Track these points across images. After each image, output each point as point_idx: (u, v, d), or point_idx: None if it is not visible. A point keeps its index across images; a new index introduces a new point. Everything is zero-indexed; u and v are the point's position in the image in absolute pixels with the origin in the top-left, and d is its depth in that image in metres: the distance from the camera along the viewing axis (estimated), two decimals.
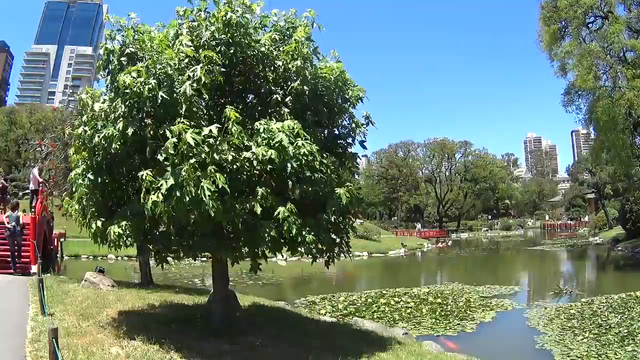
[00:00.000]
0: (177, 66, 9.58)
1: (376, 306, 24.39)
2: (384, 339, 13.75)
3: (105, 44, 10.54)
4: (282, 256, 11.83)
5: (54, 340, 6.98)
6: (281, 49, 10.84)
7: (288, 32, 11.22)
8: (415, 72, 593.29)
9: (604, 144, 43.59)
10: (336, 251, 11.43)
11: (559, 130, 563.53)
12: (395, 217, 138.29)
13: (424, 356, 12.23)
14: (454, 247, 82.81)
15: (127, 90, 9.31)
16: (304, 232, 9.82)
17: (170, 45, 10.06)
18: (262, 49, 10.66)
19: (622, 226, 63.44)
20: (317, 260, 11.25)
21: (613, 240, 65.29)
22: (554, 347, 16.91)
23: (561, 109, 48.72)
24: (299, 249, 10.47)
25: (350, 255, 11.76)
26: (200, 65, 9.42)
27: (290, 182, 10.12)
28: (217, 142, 9.01)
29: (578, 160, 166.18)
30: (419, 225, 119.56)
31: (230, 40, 10.33)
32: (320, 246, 10.67)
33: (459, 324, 20.84)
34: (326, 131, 11.91)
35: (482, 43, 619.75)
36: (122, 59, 10.22)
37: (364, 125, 12.13)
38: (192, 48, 9.81)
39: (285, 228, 9.47)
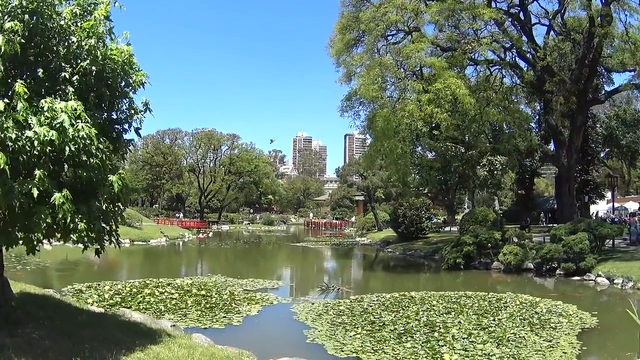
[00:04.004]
0: None
1: (141, 296, 23.68)
2: (154, 331, 13.42)
3: None
4: (51, 241, 11.20)
5: None
6: (79, 24, 10.20)
7: (89, 8, 10.54)
8: (192, 61, 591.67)
9: (379, 150, 44.81)
10: (106, 239, 10.97)
11: (331, 132, 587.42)
12: (157, 205, 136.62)
13: (195, 349, 12.07)
14: (215, 239, 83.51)
15: None
16: (76, 220, 9.34)
17: None
18: (62, 22, 9.98)
19: (394, 229, 66.24)
20: (88, 249, 10.71)
21: (383, 241, 68.39)
22: (326, 341, 17.10)
23: (336, 113, 50.03)
24: (72, 236, 9.90)
25: (120, 244, 11.37)
26: (3, 33, 8.72)
27: (66, 166, 9.61)
28: (3, 119, 8.33)
29: (349, 163, 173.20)
30: (180, 215, 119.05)
31: (35, 9, 9.56)
32: (91, 234, 10.13)
33: (225, 317, 20.69)
34: (105, 115, 11.37)
35: (262, 40, 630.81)
36: None
37: (142, 112, 11.72)
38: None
39: (60, 215, 8.95)
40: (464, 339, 17.19)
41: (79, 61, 10.11)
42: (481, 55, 44.29)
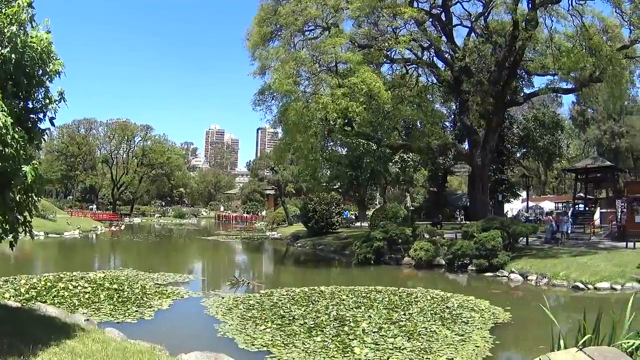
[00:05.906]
0: None
1: (56, 290, 23.24)
2: (68, 326, 13.20)
3: None
4: None
5: None
6: (3, 10, 9.94)
7: None
8: (106, 48, 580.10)
9: (290, 144, 44.66)
10: (20, 231, 10.76)
11: (244, 126, 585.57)
12: (71, 197, 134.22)
13: (109, 343, 11.93)
14: (127, 232, 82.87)
15: None
16: None
17: None
18: None
19: (304, 224, 66.05)
20: (2, 241, 10.50)
21: (293, 236, 68.09)
22: (237, 335, 17.09)
23: (249, 106, 49.52)
24: None
25: (34, 235, 11.18)
26: None
27: None
28: None
29: (260, 157, 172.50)
30: (93, 207, 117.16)
31: None
32: (5, 226, 9.95)
33: (137, 311, 20.53)
34: (21, 103, 11.14)
35: (178, 30, 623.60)
36: None
37: (57, 102, 11.52)
38: None
39: None
40: (374, 332, 17.32)
41: (0, 49, 9.88)
42: (398, 54, 44.57)
